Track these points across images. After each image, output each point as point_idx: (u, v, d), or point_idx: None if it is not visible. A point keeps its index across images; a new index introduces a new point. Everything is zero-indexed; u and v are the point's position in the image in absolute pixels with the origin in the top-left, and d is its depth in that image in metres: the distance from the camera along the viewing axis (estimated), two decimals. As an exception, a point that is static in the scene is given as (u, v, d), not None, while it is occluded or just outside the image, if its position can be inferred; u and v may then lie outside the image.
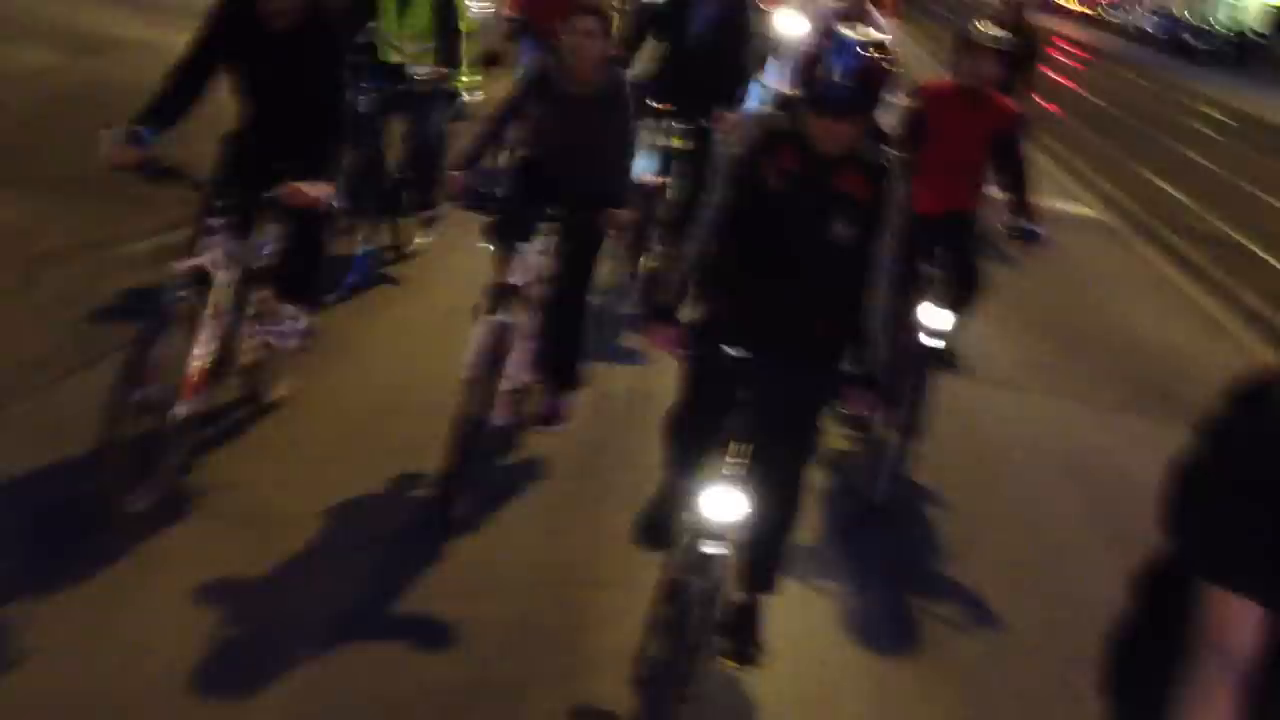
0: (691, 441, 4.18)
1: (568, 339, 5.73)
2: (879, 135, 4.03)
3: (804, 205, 3.93)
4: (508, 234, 5.41)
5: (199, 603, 4.32)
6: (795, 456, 4.25)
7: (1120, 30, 57.16)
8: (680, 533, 4.07)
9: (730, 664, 4.39)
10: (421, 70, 7.50)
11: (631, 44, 8.16)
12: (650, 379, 6.47)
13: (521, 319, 5.32)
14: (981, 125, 6.18)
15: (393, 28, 7.54)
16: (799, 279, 4.05)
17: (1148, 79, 37.57)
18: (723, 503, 3.89)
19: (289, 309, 5.39)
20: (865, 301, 3.92)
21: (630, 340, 7.05)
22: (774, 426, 4.03)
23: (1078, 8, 64.55)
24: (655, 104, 7.84)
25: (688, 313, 4.16)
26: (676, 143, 8.05)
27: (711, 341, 3.97)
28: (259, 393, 5.62)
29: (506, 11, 10.39)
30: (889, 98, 8.03)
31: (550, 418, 5.89)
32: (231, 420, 5.49)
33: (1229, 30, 51.99)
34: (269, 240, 5.13)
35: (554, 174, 5.51)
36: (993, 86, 6.23)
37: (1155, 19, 55.97)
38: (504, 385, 5.29)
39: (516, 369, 5.38)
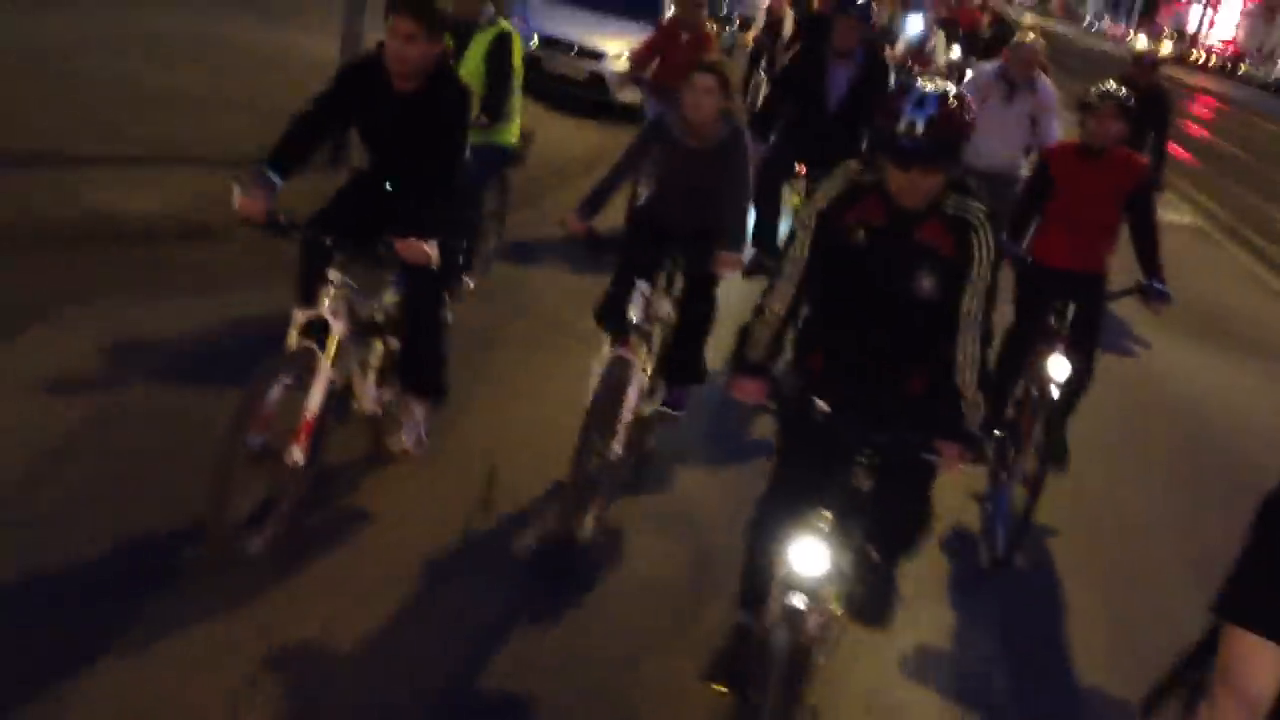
0: (787, 500, 4.07)
1: (691, 351, 5.92)
2: (964, 188, 3.86)
3: (887, 258, 3.82)
4: (626, 274, 5.56)
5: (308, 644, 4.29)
6: (902, 516, 4.14)
7: (1259, 84, 56.61)
8: (772, 585, 3.98)
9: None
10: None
11: (772, 110, 8.13)
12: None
13: (639, 355, 5.40)
14: (1108, 183, 6.12)
15: None
16: (884, 333, 3.94)
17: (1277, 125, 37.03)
18: (812, 556, 3.79)
19: (413, 407, 5.39)
20: (955, 356, 3.81)
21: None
22: (882, 482, 3.95)
23: (1213, 63, 63.41)
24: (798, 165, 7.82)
25: (778, 367, 4.08)
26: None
27: (801, 398, 3.89)
28: (378, 444, 5.55)
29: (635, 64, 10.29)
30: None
31: (673, 405, 6.12)
32: (348, 469, 5.44)
33: None
34: (384, 294, 5.12)
35: (670, 219, 5.71)
36: (1118, 144, 6.15)
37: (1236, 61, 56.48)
38: (625, 418, 5.29)
39: (636, 402, 5.39)
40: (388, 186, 5.11)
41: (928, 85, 3.66)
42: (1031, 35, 8.98)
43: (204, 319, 6.55)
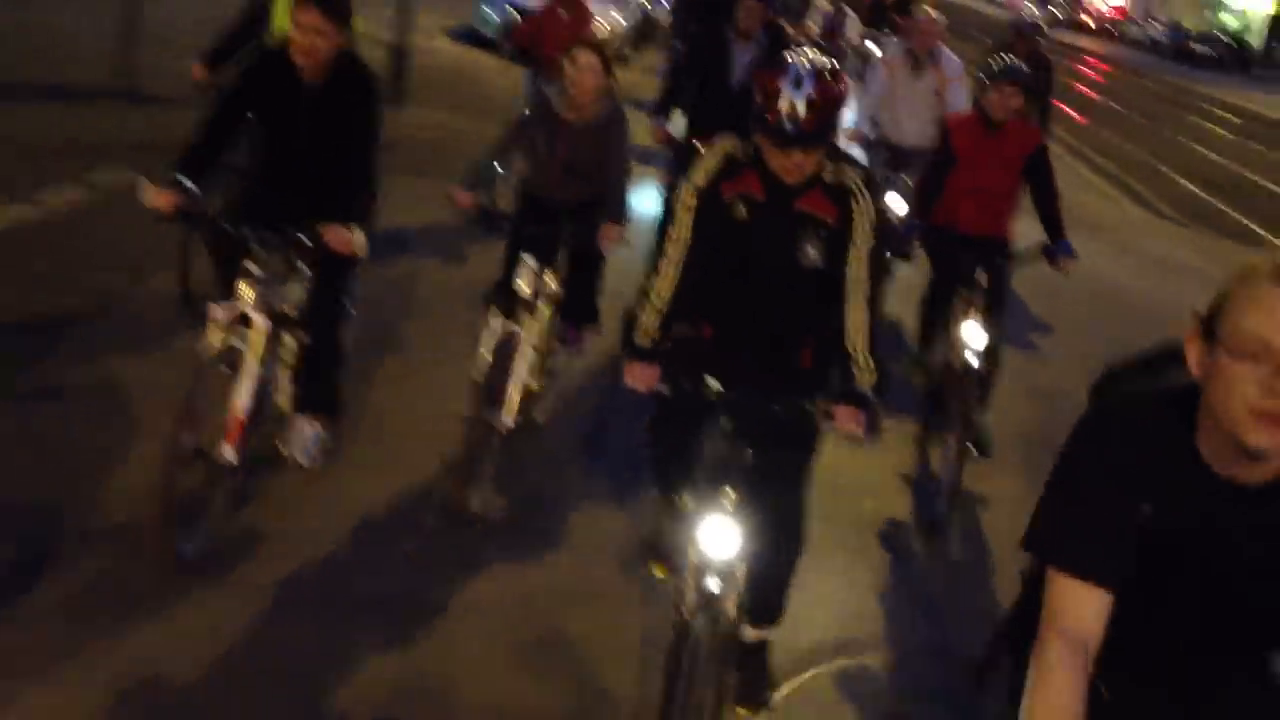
0: (677, 473, 3.94)
1: (583, 292, 5.87)
2: (840, 155, 3.71)
3: (770, 231, 3.69)
4: (513, 248, 5.56)
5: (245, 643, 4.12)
6: (789, 486, 3.95)
7: (1135, 43, 58.06)
8: (681, 565, 3.80)
9: (743, 713, 4.11)
10: None
11: (672, 95, 8.01)
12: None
13: (528, 329, 5.35)
14: (1008, 152, 6.17)
15: (285, 26, 6.65)
16: (772, 305, 3.81)
17: (1159, 84, 38.14)
18: (721, 536, 3.63)
19: (305, 423, 5.15)
20: (844, 322, 3.67)
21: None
22: (764, 458, 3.76)
23: (1094, 25, 65.06)
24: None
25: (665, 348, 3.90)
26: None
27: (690, 375, 3.70)
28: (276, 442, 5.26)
29: (519, 39, 10.08)
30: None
31: (569, 341, 6.08)
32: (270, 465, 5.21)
33: (1231, 37, 53.72)
34: (301, 287, 4.90)
35: (553, 194, 5.66)
36: (1013, 115, 6.20)
37: (1164, 30, 57.46)
38: (511, 388, 5.23)
39: (525, 375, 5.32)
40: (302, 179, 4.85)
41: (803, 60, 3.47)
42: (928, 8, 8.89)
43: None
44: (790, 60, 3.47)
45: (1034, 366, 8.29)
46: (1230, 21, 59.81)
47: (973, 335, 5.93)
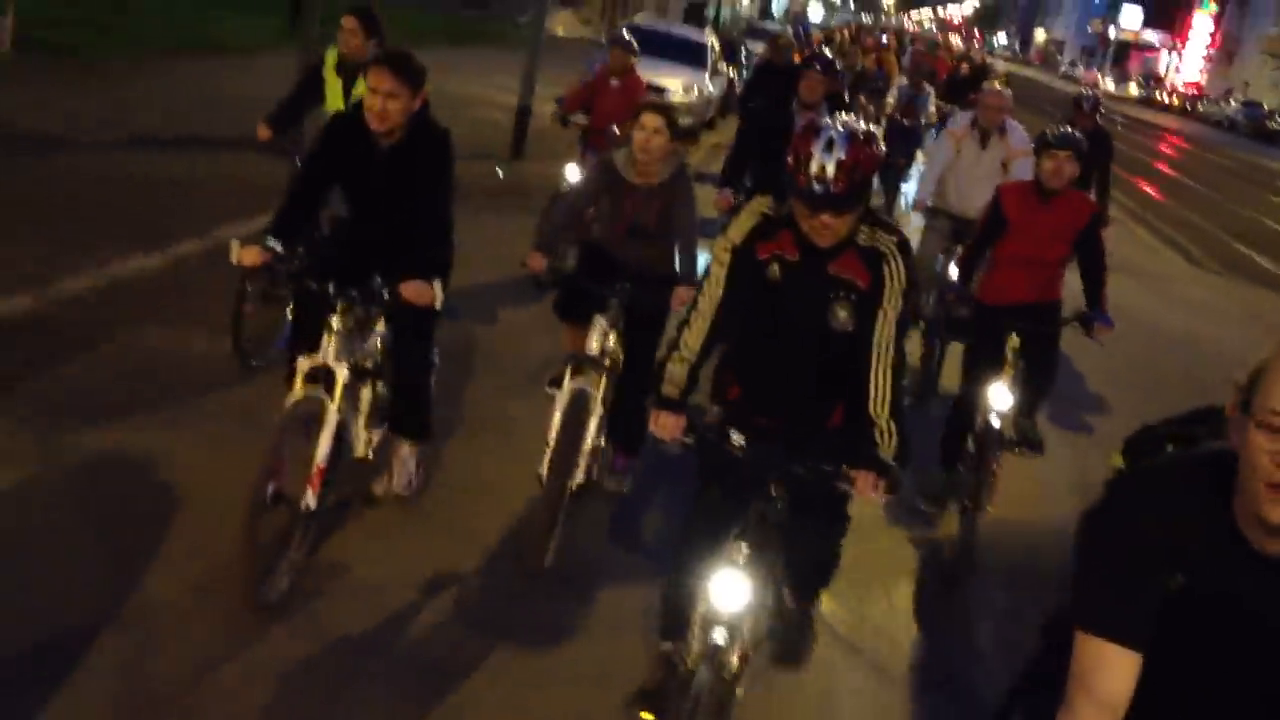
0: (707, 530, 3.88)
1: (634, 407, 5.54)
2: (876, 219, 3.70)
3: (801, 292, 3.67)
4: (579, 310, 5.58)
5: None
6: (817, 543, 3.98)
7: (1214, 122, 57.34)
8: (693, 621, 3.78)
9: None
10: None
11: (736, 165, 8.14)
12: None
13: (596, 386, 5.37)
14: (1060, 222, 6.07)
15: (339, 107, 6.75)
16: (800, 365, 3.78)
17: (1232, 160, 37.96)
18: (730, 590, 3.60)
19: (404, 449, 5.32)
20: (868, 386, 3.63)
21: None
22: (792, 519, 3.75)
23: (1177, 104, 64.77)
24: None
25: (698, 402, 3.90)
26: None
27: (719, 431, 3.69)
28: (364, 488, 5.40)
29: (567, 109, 10.04)
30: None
31: (619, 473, 5.96)
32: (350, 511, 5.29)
33: None
34: (381, 342, 5.03)
35: (618, 257, 5.65)
36: (1070, 185, 6.09)
37: (1242, 109, 57.67)
38: (585, 447, 5.27)
39: (595, 432, 5.36)
40: (380, 237, 4.98)
41: (837, 125, 3.49)
42: (997, 84, 8.91)
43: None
44: (823, 124, 3.49)
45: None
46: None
47: (997, 399, 5.94)
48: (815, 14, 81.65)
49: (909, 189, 13.65)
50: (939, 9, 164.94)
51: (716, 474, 3.88)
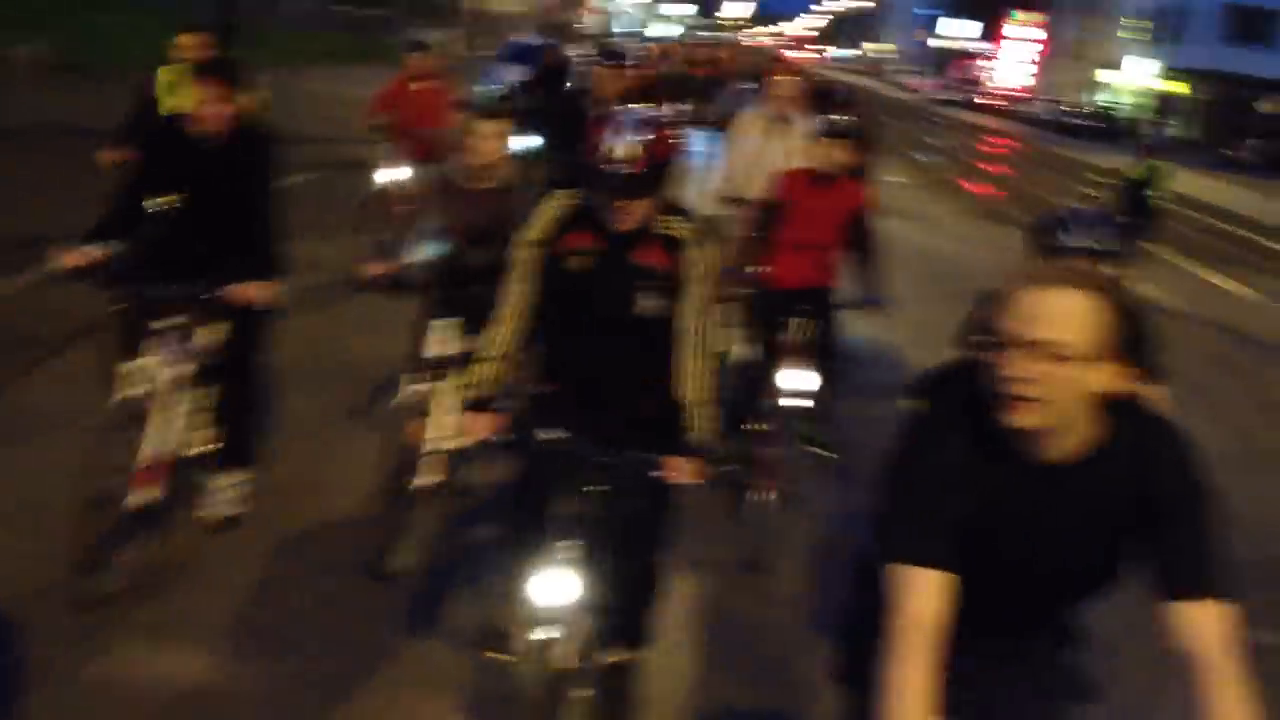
0: (526, 526, 3.67)
1: None
2: (674, 208, 3.63)
3: (606, 282, 3.55)
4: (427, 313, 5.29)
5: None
6: (640, 533, 3.76)
7: (1023, 118, 60.21)
8: (517, 620, 3.59)
9: None
10: None
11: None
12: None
13: (444, 387, 5.13)
14: (834, 207, 6.02)
15: None
16: (610, 355, 3.62)
17: (1038, 152, 39.27)
18: (554, 587, 3.45)
19: (222, 479, 5.07)
20: (676, 371, 3.53)
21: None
22: (613, 509, 3.56)
23: (992, 103, 67.57)
24: None
25: (506, 400, 3.73)
26: None
27: (528, 428, 3.56)
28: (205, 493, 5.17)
29: (374, 117, 9.82)
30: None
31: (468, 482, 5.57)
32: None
33: (1102, 111, 58.37)
34: (214, 338, 4.80)
35: (468, 260, 5.26)
36: (844, 171, 6.05)
37: (1043, 108, 61.61)
38: (427, 449, 5.09)
39: (441, 433, 5.12)
40: (207, 237, 4.79)
41: (630, 111, 3.49)
42: (784, 80, 8.72)
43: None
44: (620, 112, 3.47)
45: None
46: (1105, 98, 62.94)
47: (785, 380, 5.83)
48: (664, 31, 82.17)
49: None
50: (773, 28, 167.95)
51: (528, 474, 3.72)
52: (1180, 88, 58.01)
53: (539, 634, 3.46)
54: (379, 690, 4.17)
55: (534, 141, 10.00)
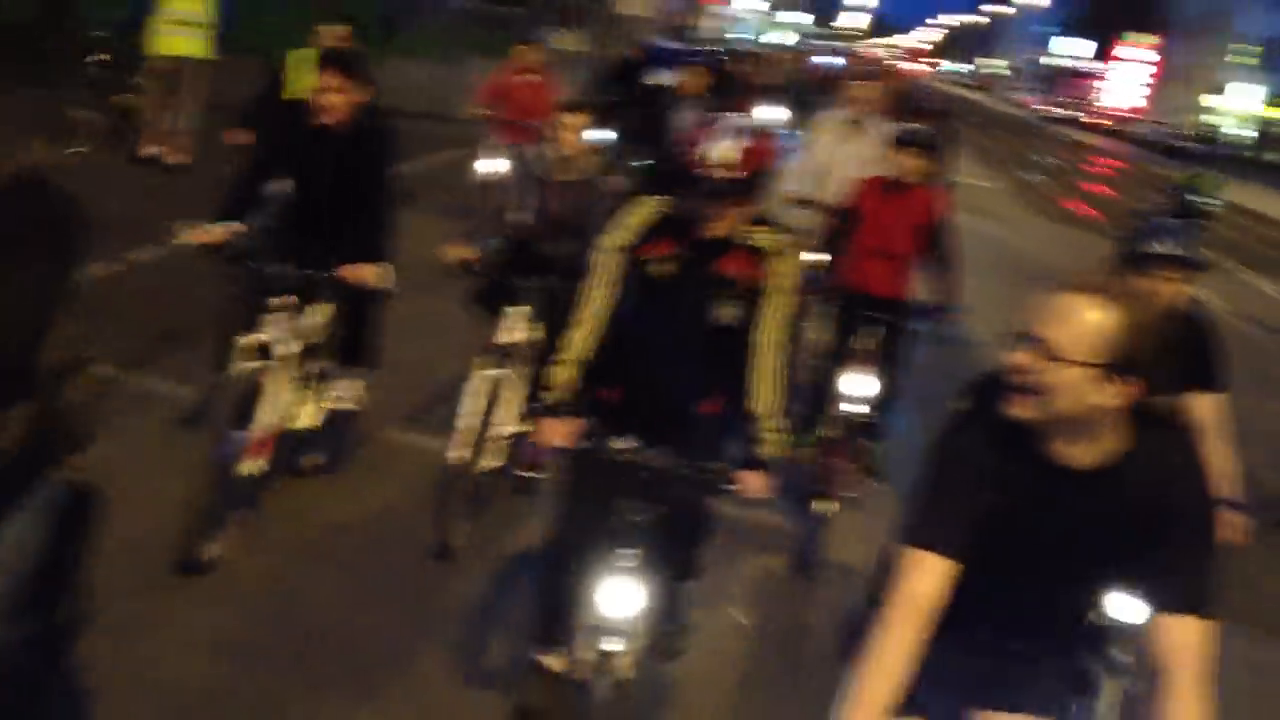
0: (584, 536, 3.52)
1: None
2: (764, 219, 3.48)
3: (688, 290, 3.40)
4: (496, 300, 5.19)
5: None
6: (691, 541, 3.70)
7: (1130, 138, 58.89)
8: (578, 630, 3.46)
9: None
10: None
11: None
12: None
13: (511, 374, 5.13)
14: (909, 215, 5.82)
15: None
16: (686, 364, 3.46)
17: (1143, 173, 37.99)
18: (620, 598, 3.31)
19: (345, 374, 5.19)
20: (750, 383, 3.37)
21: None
22: (671, 517, 3.43)
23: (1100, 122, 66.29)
24: None
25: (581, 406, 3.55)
26: None
27: (600, 435, 3.36)
28: (319, 456, 5.29)
29: (477, 107, 9.89)
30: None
31: (534, 464, 5.44)
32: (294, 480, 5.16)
33: (1206, 134, 58.97)
34: (323, 318, 4.93)
35: (545, 250, 5.26)
36: (920, 180, 5.83)
37: (1150, 129, 60.18)
38: (493, 433, 5.07)
39: (505, 419, 5.12)
40: (324, 220, 4.89)
41: (729, 117, 3.35)
42: (863, 87, 8.49)
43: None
44: (722, 117, 3.38)
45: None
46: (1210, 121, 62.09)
47: (849, 385, 5.64)
48: (783, 39, 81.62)
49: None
50: (888, 40, 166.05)
51: (590, 479, 3.51)
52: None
53: (608, 645, 3.32)
54: (423, 682, 4.04)
55: (609, 136, 10.06)
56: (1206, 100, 63.77)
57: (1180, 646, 2.21)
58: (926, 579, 2.29)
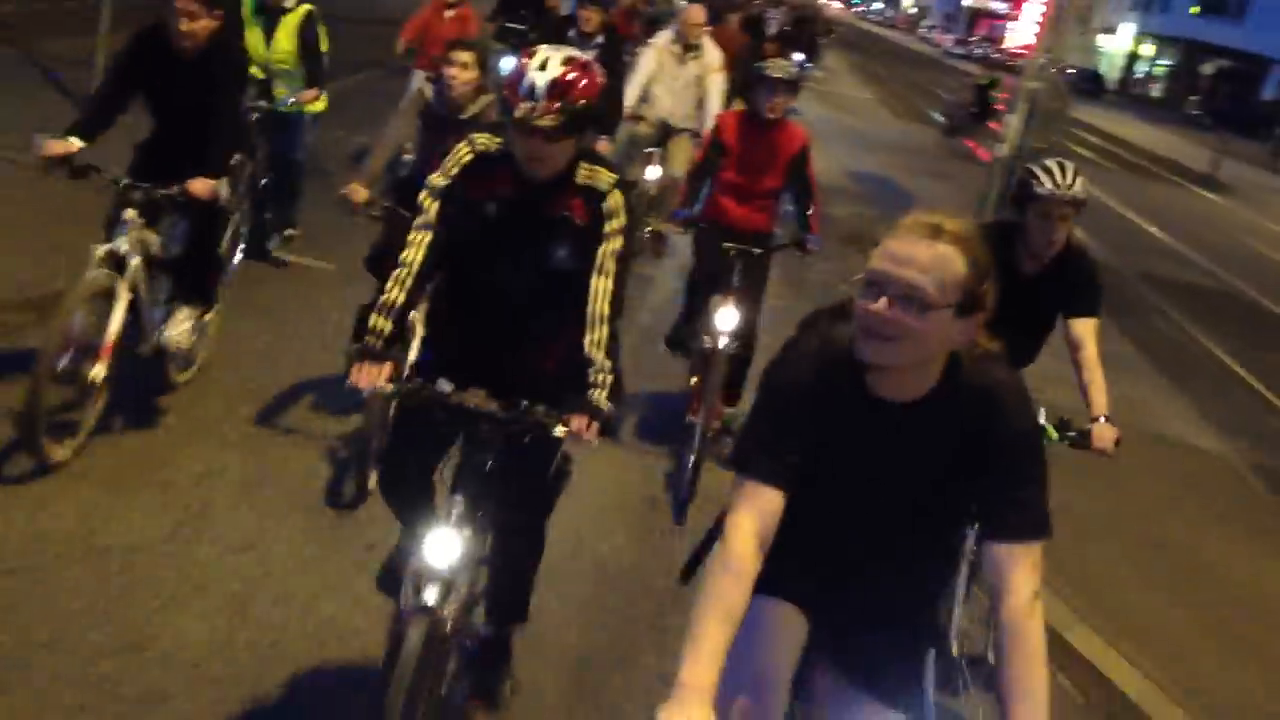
0: (413, 484, 3.23)
1: None
2: (594, 156, 3.11)
3: (519, 231, 3.03)
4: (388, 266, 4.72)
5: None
6: (530, 491, 3.26)
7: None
8: (405, 577, 3.07)
9: (478, 707, 3.41)
10: (297, 93, 6.54)
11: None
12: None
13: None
14: (775, 150, 5.50)
15: (260, 51, 6.53)
16: (519, 306, 3.11)
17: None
18: (443, 546, 2.96)
19: (184, 308, 4.90)
20: (585, 326, 2.99)
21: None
22: (505, 465, 3.07)
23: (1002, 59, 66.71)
24: None
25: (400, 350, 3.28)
26: None
27: (426, 378, 2.99)
28: (168, 369, 5.04)
29: (403, 39, 9.08)
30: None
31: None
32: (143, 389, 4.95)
33: (1088, 71, 58.16)
34: (173, 232, 4.73)
35: None
36: (781, 112, 5.46)
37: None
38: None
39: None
40: (176, 139, 4.66)
41: (554, 51, 2.88)
42: (695, 9, 8.21)
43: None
44: (538, 49, 2.92)
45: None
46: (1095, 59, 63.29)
47: (724, 320, 5.32)
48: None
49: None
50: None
51: (415, 420, 3.15)
52: (1149, 51, 60.43)
53: (427, 595, 2.95)
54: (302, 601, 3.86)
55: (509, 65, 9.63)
56: (1099, 40, 64.79)
57: (1007, 572, 2.12)
58: (756, 510, 2.16)
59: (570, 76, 2.83)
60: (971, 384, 2.18)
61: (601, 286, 3.00)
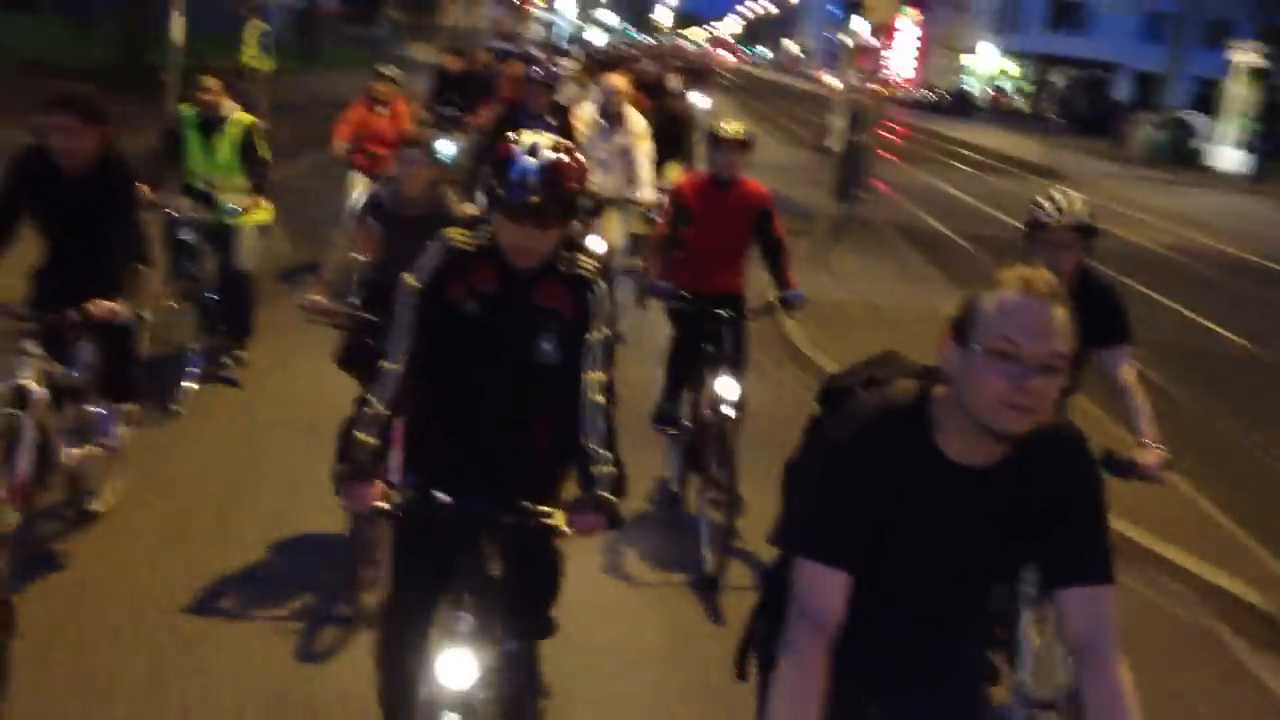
0: (418, 603, 2.95)
1: None
2: (574, 245, 2.89)
3: (504, 326, 2.78)
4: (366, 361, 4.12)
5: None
6: (540, 587, 3.07)
7: (905, 103, 61.48)
8: (419, 705, 2.84)
9: None
10: (237, 201, 6.14)
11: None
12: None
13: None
14: (738, 209, 5.20)
15: (199, 162, 6.24)
16: (506, 404, 2.87)
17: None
18: (459, 668, 2.72)
19: (102, 411, 4.58)
20: (581, 418, 2.78)
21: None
22: (510, 570, 2.88)
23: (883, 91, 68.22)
24: None
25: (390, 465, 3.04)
26: None
27: (420, 490, 2.75)
28: (84, 499, 4.68)
29: (340, 140, 8.56)
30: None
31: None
32: (59, 525, 4.58)
33: (958, 91, 62.63)
34: (80, 358, 4.37)
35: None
36: (741, 173, 5.22)
37: (920, 94, 62.14)
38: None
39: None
40: (71, 263, 4.36)
41: (539, 136, 2.69)
42: (615, 78, 8.08)
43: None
44: (526, 134, 2.72)
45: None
46: (965, 80, 66.84)
47: (726, 389, 4.95)
48: (597, 38, 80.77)
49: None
50: (709, 28, 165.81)
51: (417, 541, 2.93)
52: (1015, 69, 63.16)
53: (447, 717, 2.73)
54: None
55: (449, 149, 9.37)
56: (964, 61, 67.10)
57: (1089, 617, 2.04)
58: (826, 593, 2.00)
59: (563, 162, 2.64)
60: (1039, 436, 2.01)
61: (594, 378, 2.80)
